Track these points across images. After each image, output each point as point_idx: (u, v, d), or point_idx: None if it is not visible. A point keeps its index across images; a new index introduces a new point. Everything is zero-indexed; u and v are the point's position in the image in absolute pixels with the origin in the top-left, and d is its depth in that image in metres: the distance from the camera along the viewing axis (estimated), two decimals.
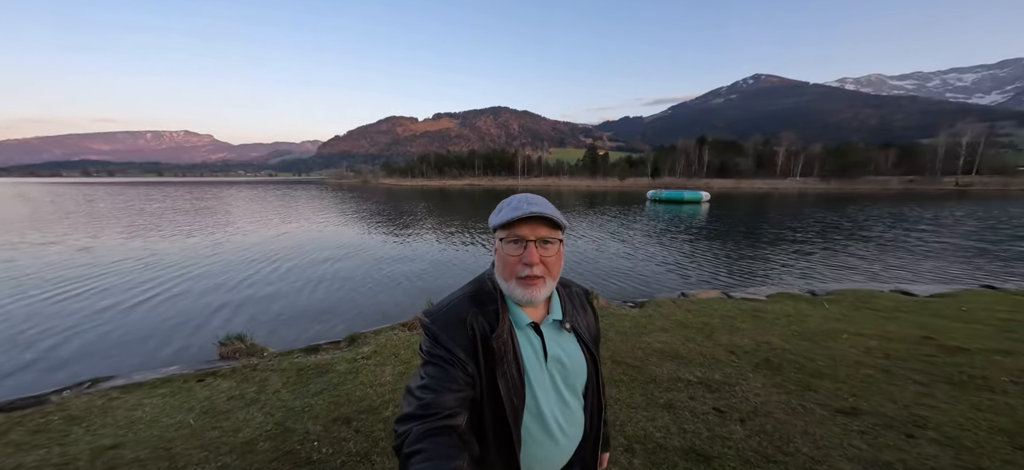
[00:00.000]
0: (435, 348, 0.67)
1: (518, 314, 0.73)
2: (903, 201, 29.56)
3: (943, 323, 3.98)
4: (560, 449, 0.74)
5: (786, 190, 54.03)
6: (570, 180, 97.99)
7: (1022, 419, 2.04)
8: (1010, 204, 25.86)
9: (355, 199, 35.56)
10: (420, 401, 0.62)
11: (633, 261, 9.22)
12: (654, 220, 18.01)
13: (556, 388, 0.74)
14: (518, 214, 0.68)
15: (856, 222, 16.58)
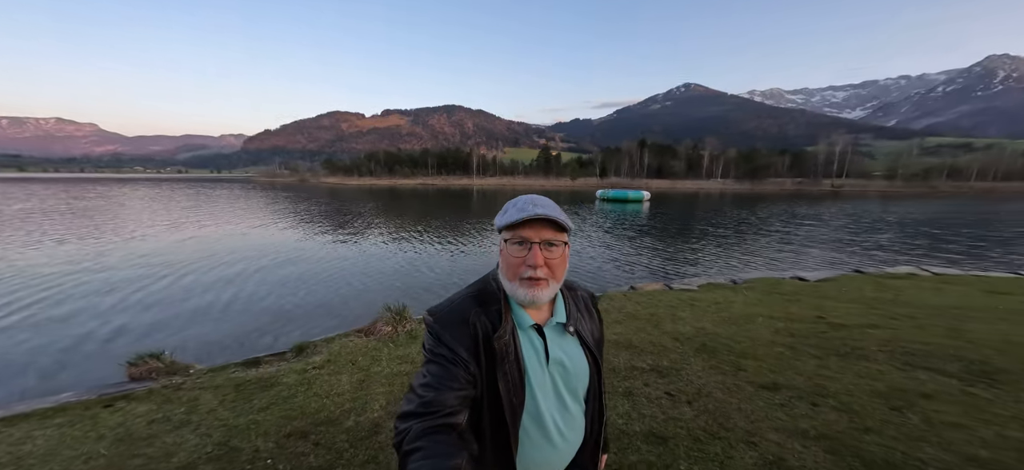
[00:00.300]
0: (438, 346, 0.67)
1: (521, 315, 0.72)
2: (795, 200, 34.88)
3: (830, 303, 4.78)
4: (558, 453, 0.74)
5: (710, 190, 60.54)
6: (525, 180, 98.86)
7: (892, 383, 2.54)
8: (868, 203, 31.88)
9: (292, 199, 32.19)
10: (421, 398, 0.61)
11: (587, 258, 9.61)
12: (603, 218, 18.94)
13: (557, 391, 0.73)
14: (523, 216, 0.67)
15: (762, 219, 19.17)
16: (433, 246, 11.00)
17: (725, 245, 11.67)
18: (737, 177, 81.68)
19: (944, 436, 1.89)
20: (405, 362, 3.18)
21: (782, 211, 23.58)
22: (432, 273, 8.05)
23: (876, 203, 31.79)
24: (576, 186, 73.79)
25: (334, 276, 7.66)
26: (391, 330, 3.93)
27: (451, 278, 7.67)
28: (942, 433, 1.92)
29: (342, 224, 15.93)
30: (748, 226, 16.25)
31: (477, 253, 10.30)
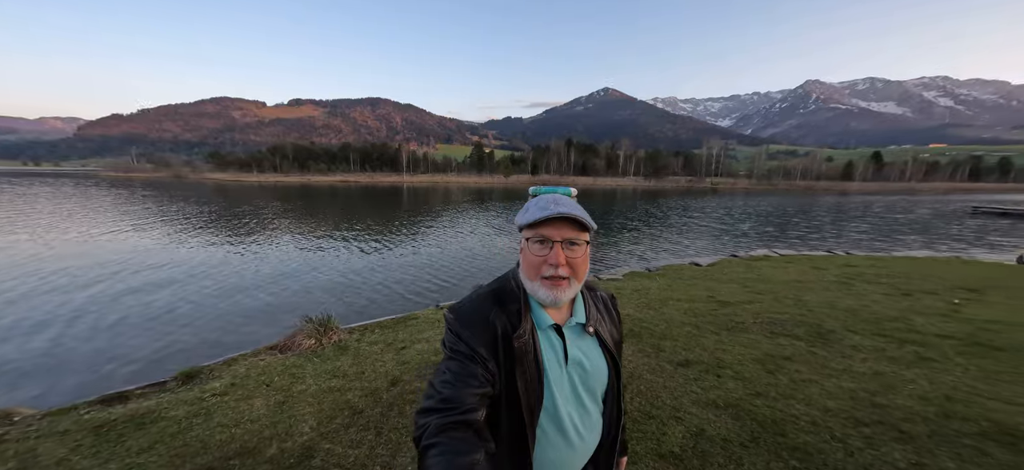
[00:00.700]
0: (457, 344, 0.66)
1: (540, 315, 0.72)
2: (686, 196, 40.96)
3: (718, 285, 5.71)
4: (575, 453, 0.73)
5: (624, 186, 67.23)
6: (458, 177, 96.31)
7: (765, 350, 3.15)
8: (735, 198, 39.15)
9: (159, 198, 25.06)
10: (441, 395, 0.61)
11: None
12: None
13: (575, 391, 0.72)
14: (545, 214, 0.67)
15: (664, 212, 22.06)
16: (358, 249, 10.05)
17: (640, 236, 13.11)
18: (645, 175, 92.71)
19: (805, 392, 2.41)
20: (337, 377, 2.86)
21: (678, 205, 27.45)
22: (357, 277, 7.31)
23: (741, 198, 39.19)
24: (509, 183, 74.64)
25: (229, 290, 6.43)
26: (314, 343, 3.51)
27: (384, 281, 7.13)
28: (803, 389, 2.45)
29: (237, 229, 13.18)
30: (654, 219, 18.54)
31: (409, 253, 9.79)
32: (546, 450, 0.70)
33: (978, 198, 38.87)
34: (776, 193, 54.19)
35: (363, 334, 3.83)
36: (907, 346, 3.14)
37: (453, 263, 8.56)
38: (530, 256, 0.69)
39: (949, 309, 4.21)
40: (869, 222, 18.24)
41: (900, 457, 1.67)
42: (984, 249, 10.78)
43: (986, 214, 21.39)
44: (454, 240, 11.48)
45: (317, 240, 11.18)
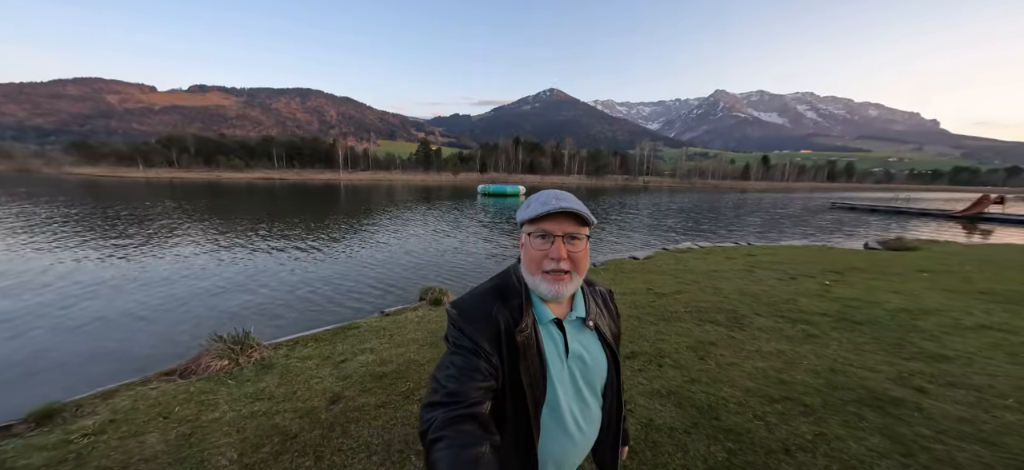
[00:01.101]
0: (461, 339, 0.67)
1: (541, 310, 0.72)
2: (623, 193, 44.20)
3: (653, 277, 6.20)
4: (576, 445, 0.74)
5: (569, 184, 69.96)
6: (403, 174, 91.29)
7: (695, 337, 3.48)
8: (663, 195, 43.38)
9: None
10: (446, 389, 0.61)
11: (477, 254, 9.59)
12: (487, 213, 19.28)
13: (575, 385, 0.73)
14: (546, 209, 0.67)
15: (605, 209, 23.42)
16: (284, 254, 8.81)
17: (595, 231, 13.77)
18: (587, 173, 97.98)
19: (729, 375, 2.71)
20: (261, 399, 2.50)
21: (617, 202, 29.45)
22: (283, 286, 6.29)
23: (666, 195, 43.49)
24: (458, 181, 73.14)
25: (101, 309, 5.13)
26: (228, 364, 3.03)
27: (317, 288, 6.34)
28: (728, 372, 2.76)
29: (112, 233, 10.50)
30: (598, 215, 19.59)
31: (347, 256, 9.01)
32: (548, 443, 0.71)
33: (834, 196, 48.24)
34: (694, 191, 61.17)
35: (292, 349, 3.41)
36: (798, 325, 3.71)
37: (398, 266, 7.96)
38: (532, 251, 0.70)
39: (822, 290, 5.07)
40: (760, 216, 21.48)
41: (806, 429, 1.95)
42: (841, 237, 13.34)
43: (840, 209, 26.53)
44: (398, 241, 10.81)
45: (229, 245, 9.45)
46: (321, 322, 4.49)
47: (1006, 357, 2.79)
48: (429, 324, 3.95)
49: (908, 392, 2.29)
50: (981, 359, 2.76)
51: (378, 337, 3.63)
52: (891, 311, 4.03)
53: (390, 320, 4.13)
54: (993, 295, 4.65)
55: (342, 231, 12.31)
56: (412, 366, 2.96)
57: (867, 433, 1.87)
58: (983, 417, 1.96)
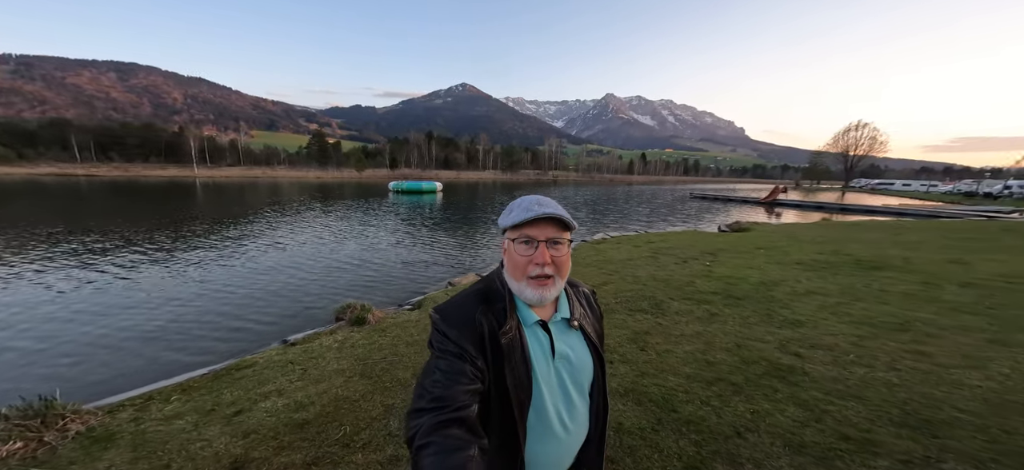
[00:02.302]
0: (445, 343, 0.66)
1: (526, 312, 0.72)
2: (536, 188, 46.57)
3: (580, 270, 6.43)
4: (563, 446, 0.73)
5: (486, 180, 69.97)
6: (291, 171, 76.89)
7: (631, 327, 3.72)
8: (569, 189, 47.31)
9: None
10: (431, 394, 0.60)
11: (396, 258, 8.63)
12: (402, 211, 17.74)
13: (562, 386, 0.72)
14: (529, 216, 0.67)
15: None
16: (106, 278, 6.17)
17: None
18: (502, 169, 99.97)
19: (669, 363, 2.95)
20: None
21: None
22: (109, 326, 4.33)
23: (572, 188, 47.56)
24: (364, 178, 65.37)
25: None
26: (23, 448, 1.97)
27: (173, 321, 4.61)
28: (667, 360, 3.00)
29: None
30: None
31: (222, 275, 7.20)
32: (535, 445, 0.70)
33: (690, 187, 60.08)
34: (594, 184, 68.47)
35: (144, 408, 2.44)
36: (702, 306, 4.31)
37: (298, 281, 6.40)
38: (515, 257, 0.69)
39: (707, 271, 6.08)
40: (646, 206, 25.26)
41: (744, 409, 2.22)
42: (703, 223, 16.60)
43: (698, 198, 33.12)
44: (293, 250, 8.90)
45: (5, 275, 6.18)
46: (186, 365, 3.37)
47: (833, 316, 3.74)
48: (355, 349, 3.29)
49: (792, 359, 2.84)
50: (820, 321, 3.64)
51: (286, 373, 2.88)
52: (755, 285, 5.04)
53: (299, 350, 3.33)
54: (804, 265, 6.28)
55: (205, 240, 9.71)
56: (343, 405, 2.40)
57: (784, 404, 2.23)
58: (844, 374, 2.55)
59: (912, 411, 2.04)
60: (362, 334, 3.66)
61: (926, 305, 4.04)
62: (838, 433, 1.89)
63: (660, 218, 18.23)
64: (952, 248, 7.76)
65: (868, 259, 6.57)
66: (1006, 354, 2.73)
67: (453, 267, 7.83)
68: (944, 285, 4.84)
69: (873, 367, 2.63)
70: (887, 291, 4.62)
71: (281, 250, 8.89)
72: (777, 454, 1.77)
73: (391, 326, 3.83)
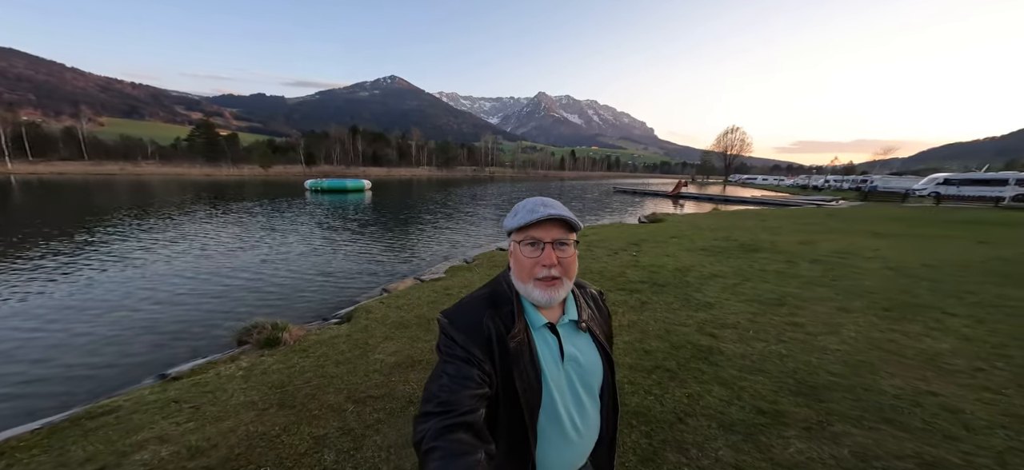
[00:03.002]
0: (452, 347, 0.65)
1: (534, 315, 0.71)
2: (474, 184, 46.02)
3: None
4: (575, 449, 0.72)
5: (420, 176, 66.77)
6: (164, 167, 62.41)
7: None
8: (506, 185, 47.97)
9: None
10: (438, 398, 0.59)
11: (315, 266, 7.53)
12: (323, 213, 15.79)
13: (573, 388, 0.71)
14: (534, 217, 0.66)
15: (464, 200, 23.69)
16: None
17: (447, 226, 13.35)
18: (437, 165, 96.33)
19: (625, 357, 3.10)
20: None
21: (470, 193, 30.24)
22: None
23: (509, 184, 48.27)
24: (272, 176, 56.55)
25: None
26: None
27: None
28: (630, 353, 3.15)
29: None
30: (457, 207, 19.52)
31: (66, 290, 5.55)
32: (547, 449, 0.69)
33: (614, 182, 66.04)
34: (529, 180, 70.61)
35: None
36: (634, 295, 4.66)
37: (181, 299, 5.18)
38: (522, 259, 0.69)
39: (634, 261, 6.68)
40: (579, 202, 26.97)
41: (681, 394, 2.39)
42: (627, 215, 18.32)
43: (620, 192, 36.54)
44: (174, 261, 7.33)
45: None
46: (6, 418, 2.42)
47: (733, 296, 4.37)
48: (269, 376, 2.72)
49: (710, 340, 3.20)
50: (724, 302, 4.21)
51: (168, 415, 2.26)
52: (673, 272, 5.66)
53: (185, 385, 2.65)
54: (707, 251, 7.31)
55: (34, 254, 7.40)
56: (259, 444, 1.95)
57: (710, 384, 2.47)
58: (749, 351, 2.95)
59: (801, 379, 2.44)
60: (276, 357, 3.06)
61: (791, 280, 5.00)
62: (755, 408, 2.15)
63: (591, 212, 19.57)
64: (800, 231, 9.87)
65: (748, 243, 7.93)
66: (850, 320, 3.50)
67: (388, 273, 7.16)
68: (800, 262, 6.07)
69: (767, 341, 3.11)
70: (765, 270, 5.61)
71: (156, 264, 7.09)
72: (714, 435, 1.93)
73: (314, 345, 3.29)
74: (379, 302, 4.59)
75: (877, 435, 1.81)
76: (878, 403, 2.10)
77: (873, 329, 3.26)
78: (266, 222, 12.61)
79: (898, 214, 15.18)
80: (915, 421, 1.91)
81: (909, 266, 5.71)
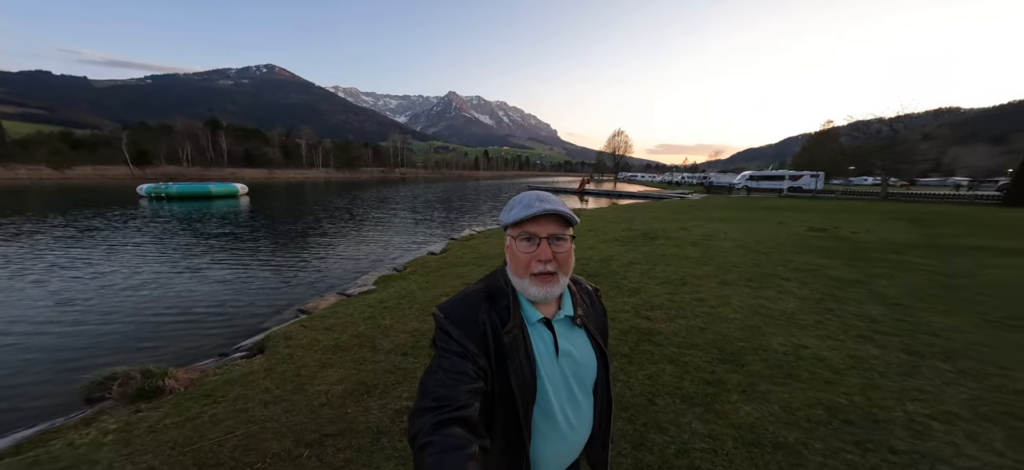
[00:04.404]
0: (448, 342, 0.65)
1: (529, 310, 0.70)
2: (383, 186, 42.16)
3: (461, 269, 6.09)
4: (569, 444, 0.72)
5: (316, 179, 57.60)
6: None
7: None
8: (421, 185, 45.50)
9: None
10: (434, 394, 0.60)
11: (189, 293, 5.77)
12: (180, 226, 12.21)
13: (567, 383, 0.71)
14: (530, 212, 0.66)
15: (377, 204, 21.33)
16: None
17: (360, 234, 11.81)
18: (337, 166, 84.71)
19: None
20: None
21: (382, 196, 27.58)
22: None
23: (423, 185, 45.98)
24: (72, 179, 41.92)
25: None
26: None
27: None
28: None
29: None
30: (366, 212, 17.47)
31: None
32: (541, 444, 0.69)
33: (527, 180, 69.77)
34: (444, 180, 68.56)
35: None
36: None
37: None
38: (518, 254, 0.68)
39: None
40: (498, 200, 27.50)
41: (643, 376, 2.54)
42: None
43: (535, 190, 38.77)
44: None
45: None
46: None
47: (651, 280, 5.01)
48: (163, 434, 2.02)
49: (647, 322, 3.58)
50: (646, 286, 4.79)
51: None
52: (599, 262, 6.21)
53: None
54: (619, 241, 8.29)
55: None
56: None
57: (661, 363, 2.74)
58: (678, 328, 3.39)
59: (722, 348, 2.93)
60: (166, 410, 2.27)
61: (685, 262, 6.06)
62: (702, 379, 2.47)
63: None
64: (677, 220, 12.15)
65: (647, 232, 9.32)
66: (732, 292, 4.40)
67: (294, 292, 5.91)
68: (685, 246, 7.43)
69: (687, 317, 3.66)
70: (665, 255, 6.66)
71: None
72: (682, 411, 2.13)
73: (221, 387, 2.50)
74: (299, 326, 3.75)
75: (789, 389, 2.29)
76: (776, 361, 2.67)
77: (748, 297, 4.17)
78: (90, 242, 8.93)
79: (728, 203, 20.21)
80: (804, 372, 2.49)
81: (749, 243, 7.60)
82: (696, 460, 1.71)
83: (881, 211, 15.36)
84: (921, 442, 1.77)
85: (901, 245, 7.38)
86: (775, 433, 1.87)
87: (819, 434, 1.85)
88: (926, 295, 4.14)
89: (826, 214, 13.70)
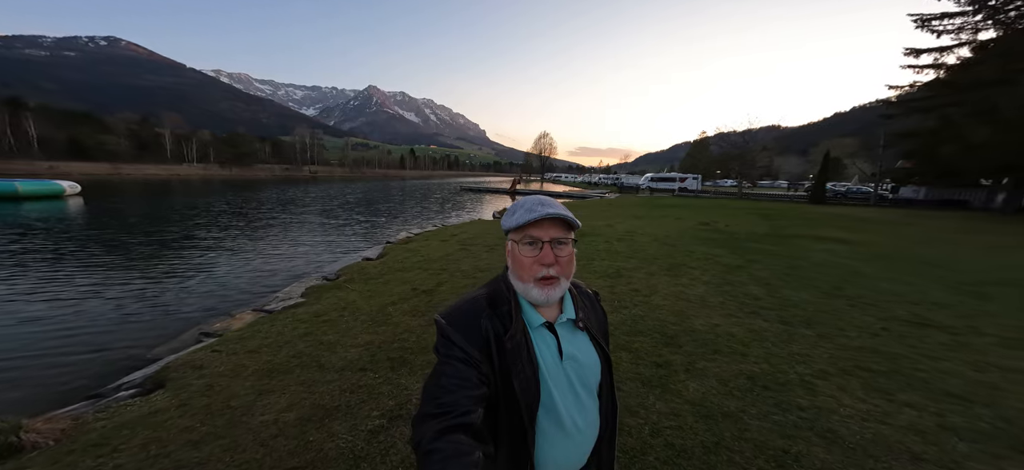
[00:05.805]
0: (450, 348, 0.65)
1: (531, 314, 0.70)
2: (288, 186, 36.19)
3: (405, 274, 5.51)
4: (576, 448, 0.72)
5: (189, 176, 46.02)
6: None
7: None
8: (336, 185, 40.56)
9: None
10: (437, 400, 0.59)
11: (7, 325, 4.00)
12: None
13: (572, 387, 0.71)
14: (532, 216, 0.66)
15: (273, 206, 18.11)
16: None
17: (276, 239, 9.92)
18: (222, 162, 69.13)
19: None
20: None
21: (286, 197, 23.61)
22: None
23: (340, 185, 41.14)
24: None
25: None
26: None
27: None
28: None
29: None
30: (258, 215, 14.76)
31: None
32: (548, 448, 0.69)
33: (458, 181, 68.28)
34: (365, 180, 62.43)
35: None
36: None
37: None
38: (520, 258, 0.68)
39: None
40: (429, 200, 26.29)
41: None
42: (481, 212, 19.29)
43: (468, 190, 38.20)
44: None
45: None
46: None
47: (590, 274, 5.39)
48: None
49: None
50: (587, 280, 5.18)
51: None
52: None
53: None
54: None
55: None
56: None
57: (617, 351, 2.92)
58: (624, 317, 3.69)
59: (662, 333, 3.32)
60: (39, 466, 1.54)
61: (616, 257, 6.74)
62: (653, 363, 2.75)
63: (445, 212, 19.47)
64: (602, 217, 13.45)
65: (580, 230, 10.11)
66: (658, 281, 5.04)
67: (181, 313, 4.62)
68: (613, 242, 8.26)
69: (628, 307, 4.05)
70: (598, 250, 7.28)
71: None
72: (645, 393, 2.33)
73: (115, 432, 1.94)
74: (209, 352, 2.97)
75: (719, 365, 2.72)
76: (703, 339, 3.15)
77: (670, 285, 4.85)
78: None
79: (638, 201, 23.33)
80: (724, 347, 2.99)
81: (660, 237, 8.87)
82: (669, 438, 1.89)
83: (741, 208, 19.69)
84: (814, 398, 2.29)
85: (760, 236, 9.56)
86: (720, 404, 2.19)
87: (750, 400, 2.24)
88: (783, 275, 5.43)
89: (706, 211, 16.90)
